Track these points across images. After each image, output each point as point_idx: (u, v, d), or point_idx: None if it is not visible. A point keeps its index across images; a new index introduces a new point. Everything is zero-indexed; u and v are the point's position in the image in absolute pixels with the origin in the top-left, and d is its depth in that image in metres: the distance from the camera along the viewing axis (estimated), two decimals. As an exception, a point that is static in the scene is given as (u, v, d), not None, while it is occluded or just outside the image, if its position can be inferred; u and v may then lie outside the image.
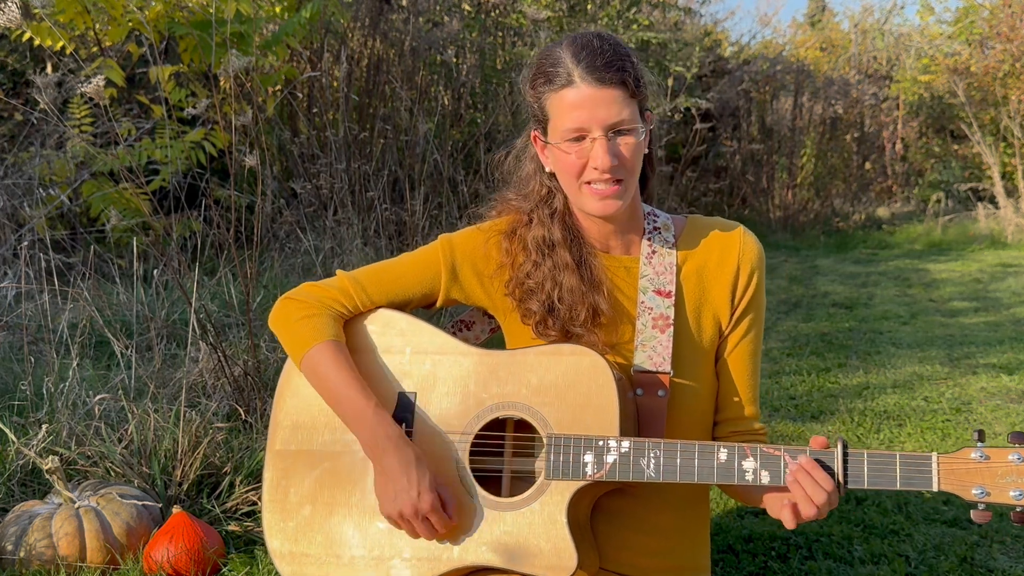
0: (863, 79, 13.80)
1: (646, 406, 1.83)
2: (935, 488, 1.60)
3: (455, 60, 7.56)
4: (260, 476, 2.97)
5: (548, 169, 1.86)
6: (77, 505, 2.66)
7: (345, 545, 1.85)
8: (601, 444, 1.72)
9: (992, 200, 12.19)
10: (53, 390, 3.29)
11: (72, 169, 5.79)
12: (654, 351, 1.85)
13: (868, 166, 13.78)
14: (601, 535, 1.86)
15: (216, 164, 6.40)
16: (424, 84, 7.01)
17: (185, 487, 2.94)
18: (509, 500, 1.77)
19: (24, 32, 5.23)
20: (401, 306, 1.95)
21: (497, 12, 7.94)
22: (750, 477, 1.68)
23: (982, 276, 8.55)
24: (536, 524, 1.74)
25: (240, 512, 2.91)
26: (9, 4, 3.09)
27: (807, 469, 1.64)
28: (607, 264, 1.90)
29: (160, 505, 2.82)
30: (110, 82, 4.97)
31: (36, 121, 6.28)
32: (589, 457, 1.72)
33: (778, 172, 12.48)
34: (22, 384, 3.37)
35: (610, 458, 1.71)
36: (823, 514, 1.65)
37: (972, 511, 1.60)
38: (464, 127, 7.22)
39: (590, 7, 8.49)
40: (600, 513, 1.87)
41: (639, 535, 1.88)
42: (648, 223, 1.92)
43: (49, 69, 6.58)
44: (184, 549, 2.53)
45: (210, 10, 5.18)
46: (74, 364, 3.40)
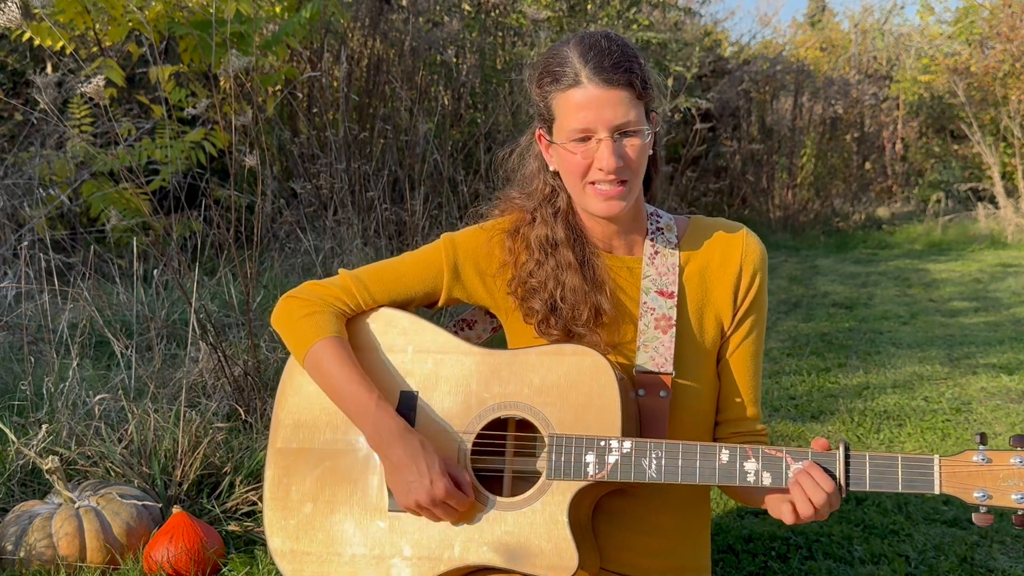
0: (863, 79, 13.79)
1: (648, 407, 1.83)
2: (937, 491, 1.60)
3: (455, 60, 7.56)
4: (260, 476, 2.97)
5: (552, 168, 1.86)
6: (77, 505, 2.65)
7: (346, 543, 1.85)
8: (603, 444, 1.72)
9: (992, 200, 12.19)
10: (53, 390, 3.28)
11: (72, 169, 5.79)
12: (656, 352, 1.84)
13: (868, 166, 13.78)
14: (602, 535, 1.86)
15: (216, 164, 6.40)
16: (424, 84, 7.01)
17: (185, 487, 2.94)
18: (510, 500, 1.77)
19: (24, 32, 5.23)
20: (403, 305, 1.94)
21: (497, 12, 7.94)
22: (752, 478, 1.68)
23: (982, 276, 8.54)
24: (537, 524, 1.74)
25: (240, 512, 2.91)
26: (9, 4, 3.09)
27: (807, 470, 1.64)
28: (610, 264, 1.89)
29: (160, 505, 2.81)
30: (110, 82, 4.97)
31: (36, 121, 6.28)
32: (591, 457, 1.72)
33: (778, 172, 12.48)
34: (22, 384, 3.37)
35: (612, 458, 1.71)
36: (823, 515, 1.65)
37: (974, 514, 1.59)
38: (464, 127, 7.22)
39: (590, 7, 8.49)
40: (601, 513, 1.87)
41: (640, 535, 1.88)
42: (651, 223, 1.92)
43: (49, 69, 6.58)
44: (184, 549, 2.53)
45: (210, 10, 5.17)
46: (74, 364, 3.40)
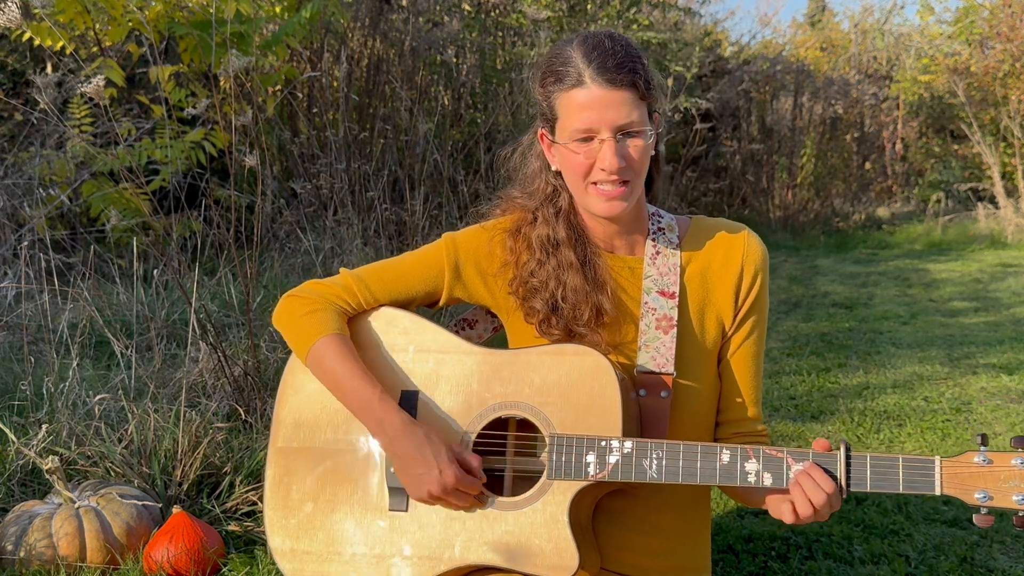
0: (863, 79, 13.79)
1: (649, 407, 1.83)
2: (938, 492, 1.59)
3: (455, 60, 7.56)
4: (260, 476, 2.97)
5: (554, 168, 1.86)
6: (77, 505, 2.65)
7: (346, 543, 1.85)
8: (604, 444, 1.72)
9: (992, 200, 12.18)
10: (53, 390, 3.28)
11: (72, 169, 5.79)
12: (657, 352, 1.84)
13: (868, 166, 13.78)
14: (602, 535, 1.86)
15: (216, 164, 6.40)
16: (424, 84, 7.01)
17: (185, 487, 2.93)
18: (511, 500, 1.77)
19: (24, 32, 5.23)
20: (404, 304, 1.94)
21: (497, 12, 7.93)
22: (752, 479, 1.68)
23: (982, 276, 8.54)
24: (538, 524, 1.74)
25: (240, 512, 2.91)
26: (9, 4, 3.09)
27: (808, 471, 1.64)
28: (611, 264, 1.89)
29: (160, 505, 2.81)
30: (110, 82, 4.97)
31: (36, 121, 6.28)
32: (591, 457, 1.72)
33: (778, 172, 12.48)
34: (22, 384, 3.37)
35: (612, 458, 1.71)
36: (823, 516, 1.65)
37: (975, 515, 1.59)
38: (464, 127, 7.22)
39: (590, 7, 8.49)
40: (601, 513, 1.86)
41: (640, 535, 1.88)
42: (652, 224, 1.92)
43: (49, 69, 6.58)
44: (184, 549, 2.53)
45: (210, 10, 5.17)
46: (74, 364, 3.39)
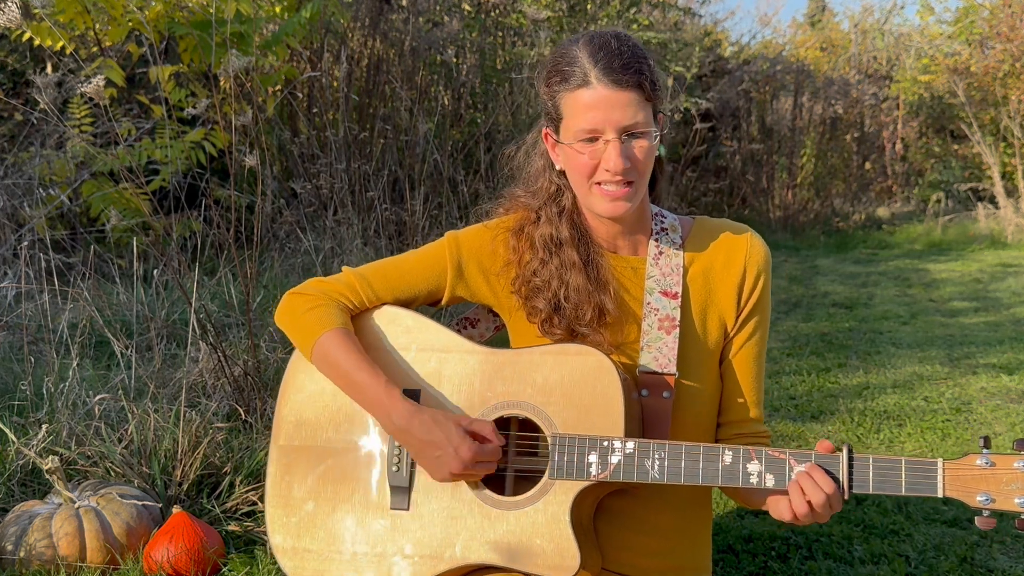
0: (863, 79, 13.79)
1: (651, 407, 1.83)
2: (940, 494, 1.59)
3: (455, 60, 7.56)
4: (260, 476, 2.97)
5: (558, 167, 1.86)
6: (77, 505, 2.65)
7: (347, 541, 1.85)
8: (606, 444, 1.72)
9: (992, 200, 12.18)
10: (53, 390, 3.28)
11: (72, 169, 5.79)
12: (660, 352, 1.84)
13: (868, 166, 13.78)
14: (602, 535, 1.86)
15: (216, 164, 6.40)
16: (424, 84, 7.01)
17: (185, 487, 2.93)
18: (512, 499, 1.77)
19: (24, 32, 5.23)
20: (407, 303, 1.94)
21: (497, 12, 7.93)
22: (755, 480, 1.67)
23: (982, 276, 8.54)
24: (539, 524, 1.73)
25: (240, 512, 2.91)
26: (9, 4, 3.09)
27: (809, 471, 1.64)
28: (614, 264, 1.89)
29: (160, 505, 2.81)
30: (110, 82, 4.97)
31: (36, 121, 6.28)
32: (593, 457, 1.72)
33: (778, 172, 12.48)
34: (22, 384, 3.37)
35: (614, 459, 1.71)
36: (823, 518, 1.65)
37: (977, 518, 1.59)
38: (464, 127, 7.22)
39: (590, 7, 8.49)
40: (601, 513, 1.86)
41: (640, 535, 1.88)
42: (655, 224, 1.92)
43: (49, 69, 6.58)
44: (184, 549, 2.53)
45: (210, 10, 5.17)
46: (74, 364, 3.39)
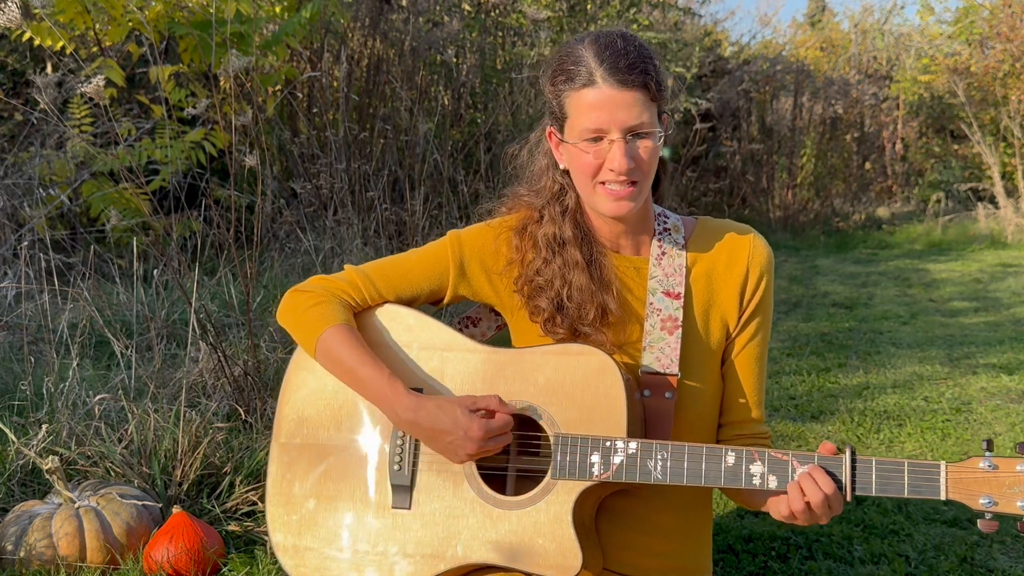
0: (863, 79, 13.79)
1: (653, 407, 1.82)
2: (943, 497, 1.59)
3: (455, 60, 7.56)
4: (260, 476, 2.97)
5: (562, 166, 1.86)
6: (77, 505, 2.65)
7: (348, 540, 1.84)
8: (608, 445, 1.71)
9: (992, 200, 12.18)
10: (53, 390, 3.28)
11: (72, 169, 5.79)
12: (662, 352, 1.84)
13: (868, 166, 13.77)
14: (603, 535, 1.86)
15: (216, 164, 6.40)
16: (424, 84, 7.01)
17: (185, 487, 2.93)
18: (514, 499, 1.77)
19: (24, 32, 5.23)
20: (409, 301, 1.94)
21: (497, 12, 7.93)
22: (757, 481, 1.67)
23: (982, 276, 8.54)
24: (541, 523, 1.73)
25: (240, 512, 2.91)
26: (9, 4, 3.09)
27: (811, 472, 1.64)
28: (617, 264, 1.89)
29: (160, 505, 2.81)
30: (110, 82, 4.97)
31: (36, 121, 6.28)
32: (596, 458, 1.72)
33: (778, 172, 12.48)
34: (22, 384, 3.37)
35: (617, 459, 1.71)
36: (822, 518, 1.65)
37: (979, 520, 1.59)
38: (464, 127, 7.21)
39: (590, 7, 8.49)
40: (602, 513, 1.86)
41: (641, 535, 1.87)
42: (658, 224, 1.92)
43: (49, 69, 6.57)
44: (184, 549, 2.53)
45: (210, 10, 5.17)
46: (74, 364, 3.39)
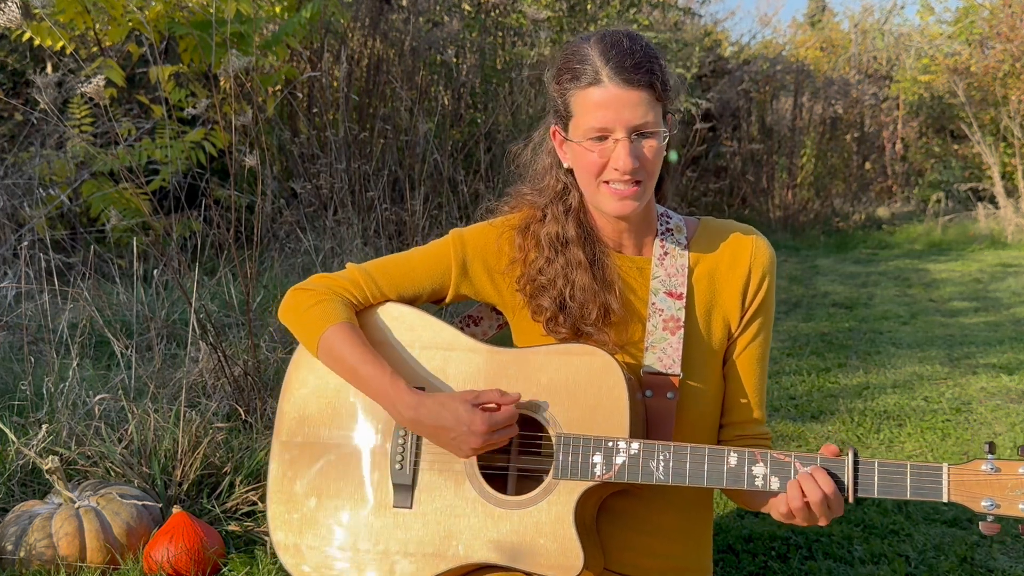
0: (863, 79, 13.79)
1: (655, 408, 1.82)
2: (945, 499, 1.59)
3: (455, 60, 7.56)
4: (260, 476, 2.97)
5: (566, 165, 1.86)
6: (77, 505, 2.65)
7: (349, 538, 1.84)
8: (611, 445, 1.71)
9: (992, 200, 12.18)
10: (53, 390, 3.28)
11: (72, 169, 5.79)
12: (664, 353, 1.84)
13: (868, 166, 13.77)
14: (605, 535, 1.86)
15: (216, 164, 6.40)
16: (424, 84, 7.01)
17: (185, 487, 2.93)
18: (516, 499, 1.76)
19: (24, 32, 5.23)
20: (411, 300, 1.94)
21: (497, 12, 7.93)
22: (759, 483, 1.67)
23: (982, 276, 8.54)
24: (543, 523, 1.73)
25: (240, 512, 2.91)
26: (9, 4, 3.09)
27: (812, 473, 1.64)
28: (619, 264, 1.89)
29: (160, 505, 2.81)
30: (110, 82, 4.97)
31: (36, 121, 6.28)
32: (598, 458, 1.71)
33: (778, 172, 12.47)
34: (22, 384, 3.37)
35: (619, 459, 1.71)
36: (821, 519, 1.64)
37: (981, 523, 1.59)
38: (464, 127, 7.21)
39: (590, 7, 8.49)
40: (603, 513, 1.86)
41: (642, 536, 1.87)
42: (661, 224, 1.91)
43: (49, 69, 6.57)
44: (184, 549, 2.53)
45: (210, 10, 5.17)
46: (74, 364, 3.39)
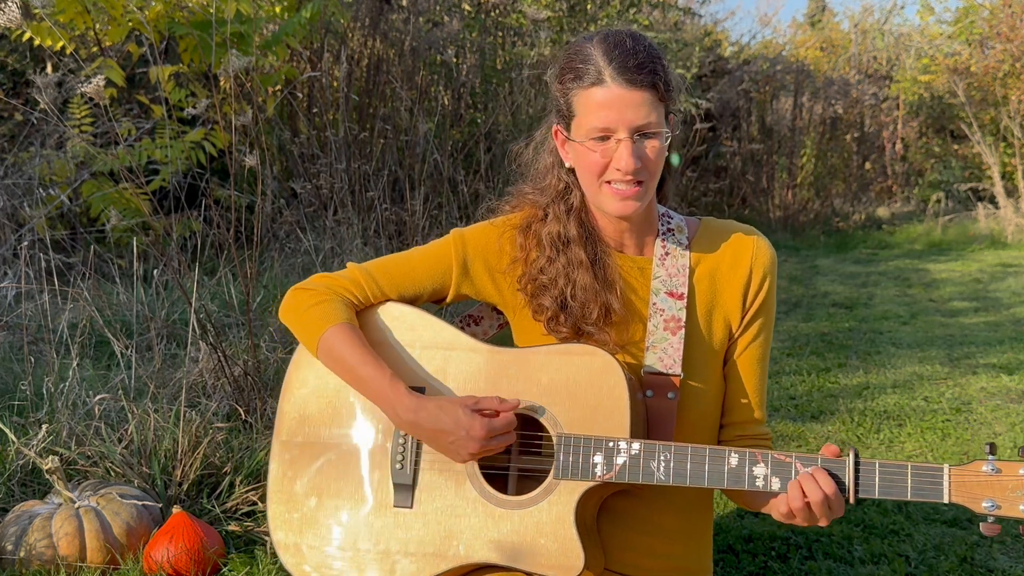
0: (863, 79, 13.79)
1: (656, 408, 1.82)
2: (946, 500, 1.59)
3: (455, 60, 7.56)
4: (260, 476, 2.97)
5: (568, 164, 1.86)
6: (77, 505, 2.65)
7: (350, 538, 1.84)
8: (611, 445, 1.71)
9: (992, 200, 12.18)
10: (53, 390, 3.28)
11: (72, 169, 5.79)
12: (665, 353, 1.84)
13: (868, 166, 13.78)
14: (605, 535, 1.86)
15: (216, 164, 6.40)
16: (424, 84, 7.01)
17: (185, 487, 2.93)
18: (517, 499, 1.76)
19: (24, 32, 5.23)
20: (411, 300, 1.94)
21: (497, 12, 7.93)
22: (760, 483, 1.67)
23: (982, 276, 8.54)
24: (544, 523, 1.73)
25: (240, 512, 2.91)
26: (9, 4, 3.09)
27: (813, 473, 1.64)
28: (621, 263, 1.89)
29: (160, 505, 2.81)
30: (110, 82, 4.97)
31: (36, 121, 6.28)
32: (599, 458, 1.71)
33: (778, 172, 12.48)
34: (22, 384, 3.37)
35: (620, 459, 1.71)
36: (821, 519, 1.64)
37: (982, 524, 1.59)
38: (464, 127, 7.21)
39: (590, 7, 8.49)
40: (604, 513, 1.86)
41: (643, 536, 1.87)
42: (662, 224, 1.92)
43: (49, 69, 6.57)
44: (184, 549, 2.53)
45: (210, 10, 5.18)
46: (74, 364, 3.39)
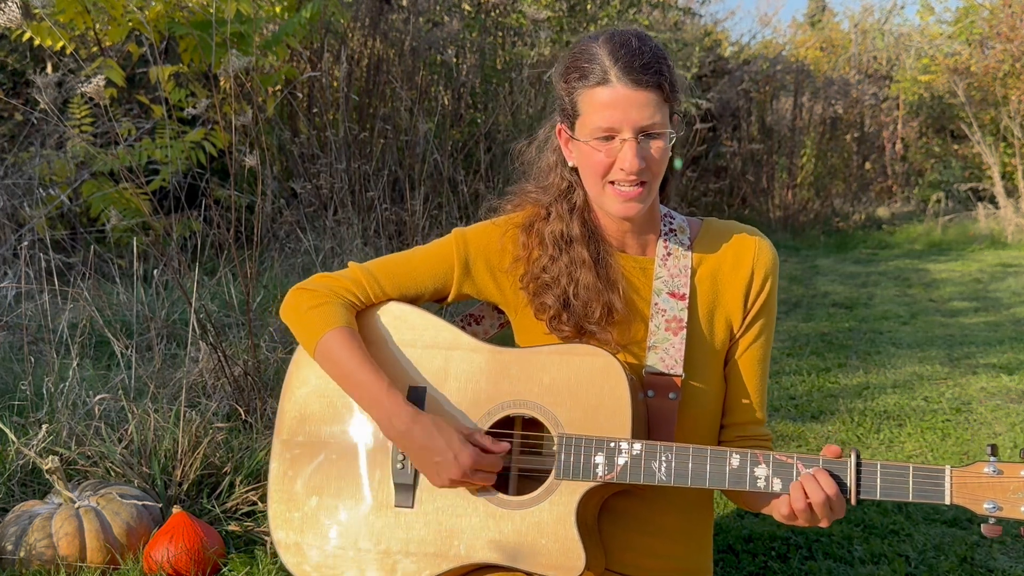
0: (863, 79, 13.79)
1: (657, 408, 1.82)
2: (947, 501, 1.59)
3: (455, 60, 7.56)
4: (260, 476, 2.97)
5: (571, 163, 1.86)
6: (77, 505, 2.65)
7: (351, 537, 1.84)
8: (613, 446, 1.71)
9: (992, 200, 12.18)
10: (53, 390, 3.28)
11: (72, 169, 5.79)
12: (666, 353, 1.84)
13: (868, 166, 13.78)
14: (606, 535, 1.86)
15: (216, 164, 6.40)
16: (424, 84, 7.01)
17: (185, 487, 2.93)
18: (518, 499, 1.76)
19: (24, 32, 5.23)
20: (413, 299, 1.94)
21: (497, 12, 7.93)
22: (762, 484, 1.67)
23: (982, 276, 8.54)
24: (545, 523, 1.73)
25: (240, 512, 2.90)
26: (9, 4, 3.09)
27: (814, 474, 1.64)
28: (623, 263, 1.89)
29: (160, 505, 2.81)
30: (110, 82, 4.97)
31: (36, 121, 6.28)
32: (600, 458, 1.71)
33: (778, 172, 12.48)
34: (22, 384, 3.37)
35: (621, 460, 1.71)
36: (822, 520, 1.64)
37: (983, 525, 1.59)
38: (464, 127, 7.22)
39: (590, 7, 8.49)
40: (605, 513, 1.86)
41: (643, 536, 1.87)
42: (665, 224, 1.92)
43: (49, 69, 6.57)
44: (184, 549, 2.53)
45: (210, 10, 5.17)
46: (74, 364, 3.39)
